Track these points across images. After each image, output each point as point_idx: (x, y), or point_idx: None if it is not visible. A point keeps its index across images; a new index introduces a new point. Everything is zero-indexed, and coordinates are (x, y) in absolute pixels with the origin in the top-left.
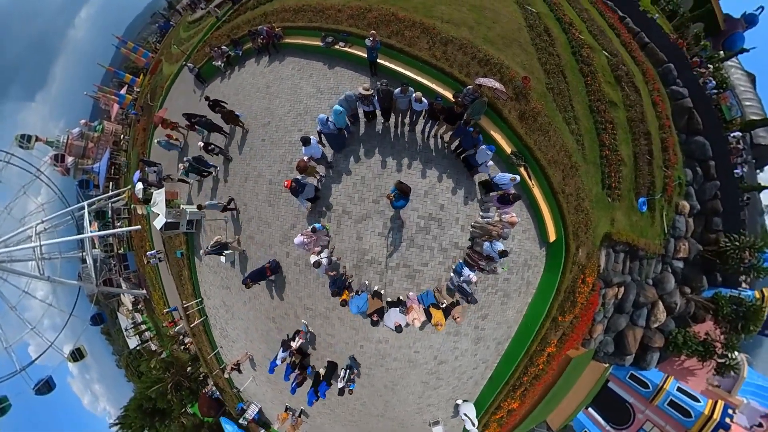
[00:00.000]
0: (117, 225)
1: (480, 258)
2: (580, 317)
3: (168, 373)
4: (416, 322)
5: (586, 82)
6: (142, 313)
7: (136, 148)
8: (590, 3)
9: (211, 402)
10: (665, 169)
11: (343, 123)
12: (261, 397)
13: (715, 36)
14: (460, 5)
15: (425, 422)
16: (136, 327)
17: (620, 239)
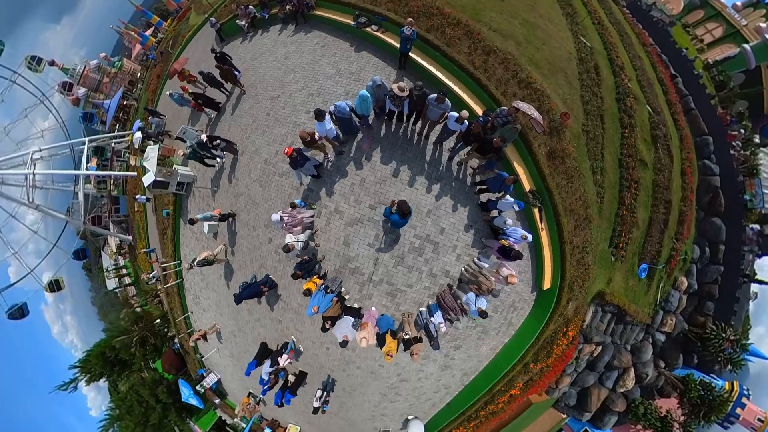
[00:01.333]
0: (115, 167)
1: (454, 304)
2: (551, 367)
3: (136, 327)
4: (363, 342)
5: (623, 133)
6: (125, 258)
7: (146, 93)
8: (645, 51)
9: (174, 359)
10: (675, 242)
11: (367, 111)
12: (222, 369)
13: (755, 118)
14: (512, 16)
15: (376, 429)
16: (117, 270)
17: (612, 300)
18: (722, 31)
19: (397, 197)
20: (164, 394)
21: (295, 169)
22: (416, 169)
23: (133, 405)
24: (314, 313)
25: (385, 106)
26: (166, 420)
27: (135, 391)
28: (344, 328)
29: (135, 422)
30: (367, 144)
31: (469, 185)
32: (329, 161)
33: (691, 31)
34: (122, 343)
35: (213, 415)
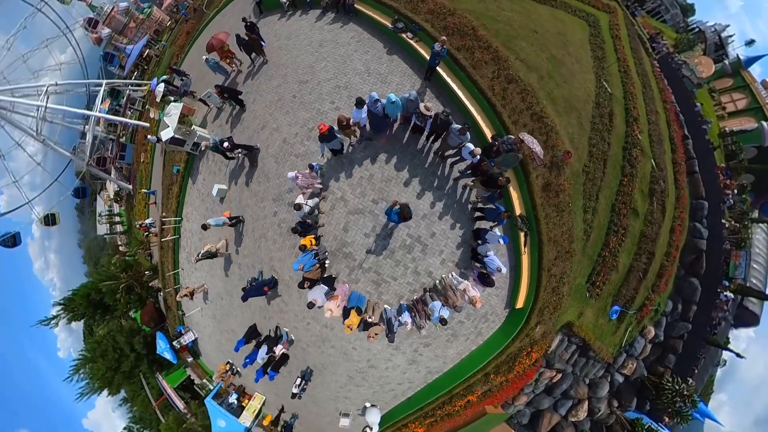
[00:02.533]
0: (128, 114)
1: (422, 309)
2: (510, 382)
3: (125, 274)
4: (328, 313)
5: (622, 181)
6: (120, 206)
7: (173, 48)
8: (664, 108)
9: (154, 312)
10: (651, 292)
11: (393, 114)
12: (201, 329)
13: (757, 194)
14: (541, 49)
15: (337, 410)
16: (111, 216)
17: (579, 333)
18: (746, 103)
19: (399, 197)
20: (140, 344)
21: (321, 142)
22: (422, 176)
23: (107, 350)
24: (299, 269)
25: (411, 118)
26: (137, 370)
27: (112, 337)
28: (317, 293)
29: (106, 367)
30: (385, 138)
31: (469, 209)
32: (355, 143)
33: (717, 97)
34: (109, 287)
35: (183, 372)
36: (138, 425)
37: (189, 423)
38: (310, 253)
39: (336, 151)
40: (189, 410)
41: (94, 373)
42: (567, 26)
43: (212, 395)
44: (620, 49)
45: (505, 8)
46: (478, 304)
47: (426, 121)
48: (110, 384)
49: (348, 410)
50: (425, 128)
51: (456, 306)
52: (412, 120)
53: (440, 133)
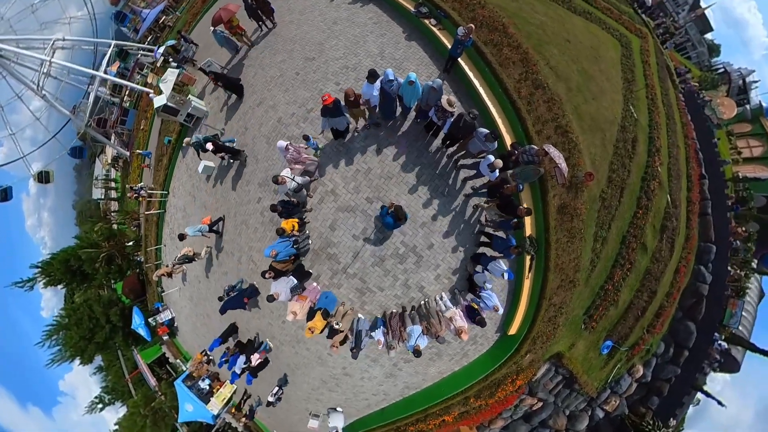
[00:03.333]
0: (135, 79)
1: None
2: (490, 406)
3: (107, 243)
4: (291, 316)
5: (636, 213)
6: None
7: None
8: (685, 143)
9: (136, 285)
10: (646, 332)
11: (409, 99)
12: (178, 309)
13: (761, 244)
14: (573, 60)
15: (307, 410)
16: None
17: (567, 365)
18: (762, 151)
19: (397, 199)
20: (116, 316)
21: (324, 117)
22: (427, 178)
23: (83, 318)
24: (271, 256)
25: (428, 113)
26: (112, 341)
27: (89, 306)
28: (282, 286)
29: (80, 335)
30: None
31: (476, 231)
32: (360, 129)
33: (734, 141)
34: (89, 255)
35: (158, 349)
36: (110, 395)
37: (158, 401)
38: (289, 240)
39: (338, 132)
40: (160, 388)
41: (67, 340)
42: (600, 42)
43: (183, 378)
44: (649, 76)
45: (539, 12)
46: (464, 336)
47: (446, 120)
48: (82, 353)
49: (318, 411)
50: (443, 128)
51: (438, 336)
52: (429, 115)
53: (460, 138)
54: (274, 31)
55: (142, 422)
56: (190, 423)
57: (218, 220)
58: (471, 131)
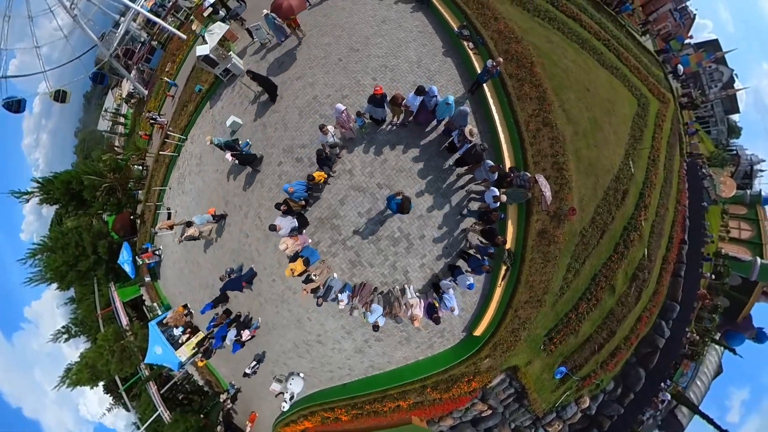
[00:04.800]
0: (168, 20)
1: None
2: (443, 402)
3: (111, 175)
4: (282, 245)
5: (611, 257)
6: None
7: None
8: (675, 207)
9: (128, 222)
10: (599, 367)
11: (441, 114)
12: (168, 252)
13: (726, 318)
14: (586, 108)
15: (272, 372)
16: (116, 115)
17: (521, 379)
18: (749, 236)
19: (404, 190)
20: (104, 248)
21: (369, 104)
22: (433, 179)
23: (70, 244)
24: (288, 192)
25: (452, 132)
26: (93, 273)
27: (78, 233)
28: (286, 223)
29: (64, 261)
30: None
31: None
32: (395, 123)
33: (726, 219)
34: (92, 182)
35: (136, 290)
36: (77, 328)
37: (127, 340)
38: (304, 186)
39: (376, 121)
40: (131, 328)
41: (50, 263)
42: (618, 97)
43: (158, 320)
44: (657, 139)
45: (569, 57)
46: (417, 323)
47: (463, 144)
48: (62, 279)
49: (282, 376)
50: (459, 150)
51: (397, 317)
52: (452, 136)
53: (469, 162)
54: (325, 12)
55: (108, 356)
56: (152, 367)
57: (222, 216)
58: (478, 160)
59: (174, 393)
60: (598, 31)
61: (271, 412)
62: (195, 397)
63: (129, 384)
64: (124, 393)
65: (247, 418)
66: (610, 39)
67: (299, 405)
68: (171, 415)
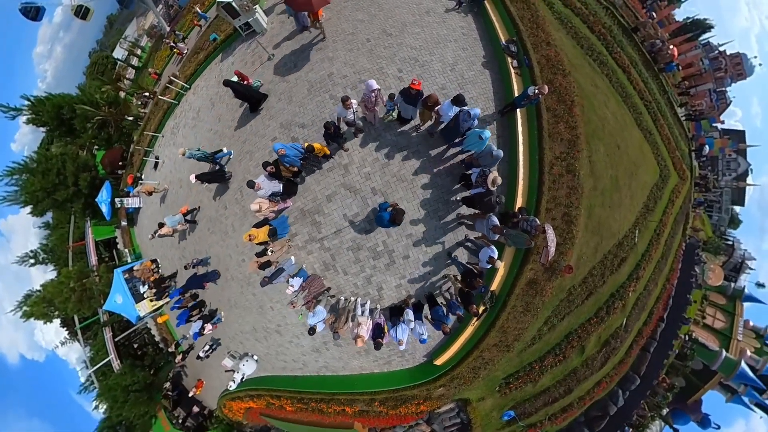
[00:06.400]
0: None
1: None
2: (389, 416)
3: (107, 108)
4: (255, 205)
5: (590, 319)
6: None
7: None
8: (663, 285)
9: (117, 159)
10: (546, 420)
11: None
12: (148, 203)
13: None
14: (611, 166)
15: (227, 348)
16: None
17: (470, 413)
18: (721, 326)
19: (400, 203)
20: (85, 182)
21: (401, 95)
22: (432, 201)
23: (51, 170)
24: (279, 153)
25: (473, 169)
26: (69, 204)
27: (62, 160)
28: (268, 184)
29: (41, 186)
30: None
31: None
32: (420, 128)
33: (704, 305)
34: (84, 112)
35: (111, 230)
36: (46, 255)
37: (90, 281)
38: (298, 151)
39: (403, 119)
40: (98, 270)
41: (27, 185)
42: (644, 162)
43: (124, 269)
44: (667, 214)
45: (610, 108)
46: (360, 343)
47: (479, 187)
48: (37, 204)
49: (236, 353)
50: (471, 189)
51: (336, 332)
52: (472, 172)
53: (477, 208)
54: None
55: (68, 294)
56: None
57: (194, 210)
58: (489, 209)
59: (130, 341)
60: (643, 89)
61: (220, 383)
62: (149, 350)
63: (86, 323)
64: (79, 332)
65: (194, 383)
66: (652, 101)
67: (247, 385)
68: (121, 365)
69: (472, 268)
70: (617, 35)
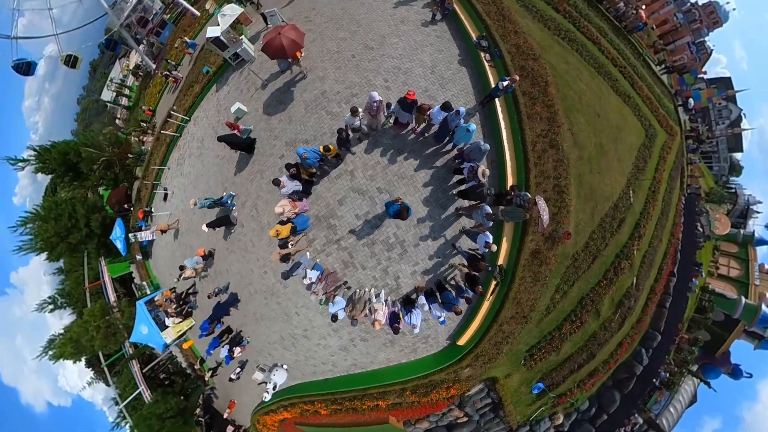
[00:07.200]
0: None
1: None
2: (421, 405)
3: (110, 149)
4: (279, 209)
5: (600, 282)
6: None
7: None
8: (668, 240)
9: (124, 198)
10: (576, 387)
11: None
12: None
13: (705, 352)
14: (594, 133)
15: (256, 362)
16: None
17: (499, 391)
18: (737, 274)
19: (404, 197)
20: (97, 223)
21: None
22: (434, 191)
23: (63, 215)
24: (302, 157)
25: (464, 163)
26: (84, 246)
27: (72, 204)
28: (291, 184)
29: (55, 231)
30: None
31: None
32: (416, 130)
33: (717, 256)
34: (90, 155)
35: (126, 266)
36: (64, 299)
37: (113, 317)
38: (317, 154)
39: (399, 124)
40: (118, 305)
41: (41, 232)
42: (627, 125)
43: (146, 300)
44: (660, 171)
45: (584, 81)
46: (377, 326)
47: (471, 181)
48: (52, 249)
49: (266, 366)
50: (465, 183)
51: (354, 318)
52: (464, 166)
53: (471, 199)
54: (343, 6)
55: (93, 332)
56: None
57: (210, 254)
58: (480, 199)
59: (156, 372)
60: (616, 57)
61: (251, 399)
62: (177, 379)
63: (112, 360)
64: (106, 369)
65: (226, 405)
66: (627, 66)
67: (280, 396)
68: (152, 395)
69: (475, 253)
70: (582, 9)
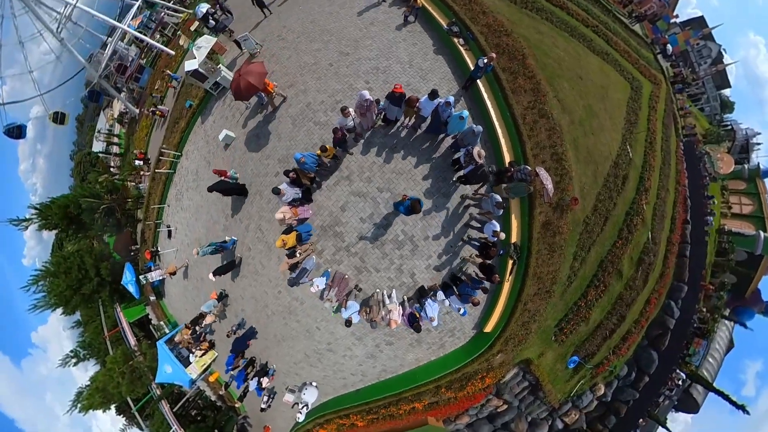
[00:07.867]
0: (156, 38)
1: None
2: (458, 400)
3: (109, 196)
4: (279, 214)
5: (616, 243)
6: (122, 127)
7: None
8: (675, 188)
9: (129, 242)
10: (611, 353)
11: (452, 129)
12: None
13: (734, 295)
14: (580, 96)
15: (284, 384)
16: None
17: (535, 372)
18: (751, 210)
19: (405, 192)
20: (106, 270)
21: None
22: (434, 182)
23: (72, 268)
24: (300, 162)
25: (459, 149)
26: (97, 295)
27: (80, 256)
28: (291, 191)
29: (67, 285)
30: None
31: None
32: (407, 124)
33: (726, 195)
34: (90, 205)
35: (142, 309)
36: (86, 351)
37: (136, 361)
38: (314, 158)
39: (388, 120)
40: (139, 348)
41: (53, 288)
42: (611, 82)
43: (165, 339)
44: (653, 121)
45: (560, 47)
46: (393, 325)
47: (469, 165)
48: (67, 303)
49: (295, 386)
50: (464, 169)
51: (372, 321)
52: (460, 152)
53: (473, 183)
54: (312, 18)
55: (118, 378)
56: (164, 386)
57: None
58: (483, 180)
59: (187, 410)
60: (585, 18)
61: (285, 423)
62: (208, 413)
63: (141, 404)
64: (137, 413)
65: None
66: (598, 25)
67: (314, 414)
68: None
69: (485, 241)
70: None
